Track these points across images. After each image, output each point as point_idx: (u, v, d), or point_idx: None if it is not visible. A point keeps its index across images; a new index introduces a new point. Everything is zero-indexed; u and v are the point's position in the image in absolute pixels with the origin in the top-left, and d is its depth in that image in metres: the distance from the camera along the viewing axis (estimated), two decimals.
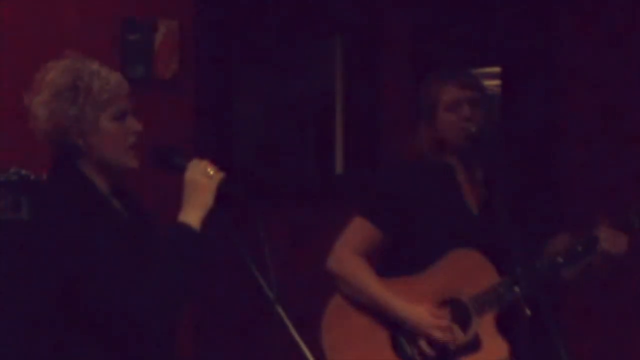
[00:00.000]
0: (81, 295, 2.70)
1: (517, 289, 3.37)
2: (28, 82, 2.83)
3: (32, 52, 4.71)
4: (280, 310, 2.69)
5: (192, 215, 2.77)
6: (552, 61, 5.35)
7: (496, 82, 5.85)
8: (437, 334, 3.45)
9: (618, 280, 4.63)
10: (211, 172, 2.81)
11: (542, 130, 5.44)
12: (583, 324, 4.87)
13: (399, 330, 3.50)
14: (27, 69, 2.87)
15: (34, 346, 2.83)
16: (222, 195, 2.80)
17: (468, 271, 3.49)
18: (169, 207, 2.88)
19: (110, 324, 2.71)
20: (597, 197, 4.88)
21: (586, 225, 3.50)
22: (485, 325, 3.46)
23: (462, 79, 3.62)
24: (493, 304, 3.46)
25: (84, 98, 2.78)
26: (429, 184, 3.58)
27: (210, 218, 2.79)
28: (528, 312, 3.16)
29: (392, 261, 3.61)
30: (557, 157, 5.34)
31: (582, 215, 3.68)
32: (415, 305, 3.48)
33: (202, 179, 2.79)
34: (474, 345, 3.47)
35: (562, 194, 5.21)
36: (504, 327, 3.48)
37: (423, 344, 3.47)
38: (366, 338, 3.52)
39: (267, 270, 2.71)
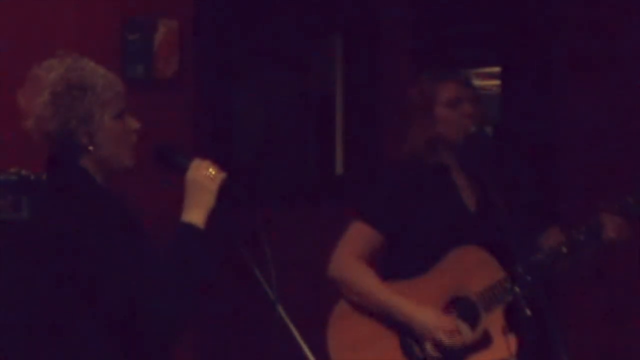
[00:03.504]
0: (89, 295, 2.68)
1: (517, 289, 3.36)
2: None
3: (32, 52, 4.70)
4: (281, 310, 2.69)
5: (196, 214, 2.76)
6: (551, 61, 5.35)
7: (496, 82, 5.86)
8: (443, 338, 3.43)
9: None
10: (213, 172, 2.80)
11: (541, 129, 5.45)
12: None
13: (406, 332, 3.48)
14: (27, 68, 2.86)
15: (34, 346, 2.81)
16: (223, 196, 2.80)
17: (472, 268, 3.48)
18: (167, 206, 2.88)
19: (116, 324, 2.68)
20: (596, 197, 4.87)
21: (584, 216, 3.49)
22: (494, 321, 3.45)
23: (461, 77, 3.62)
24: (500, 299, 3.45)
25: (90, 97, 2.76)
26: (425, 184, 3.57)
27: (211, 218, 2.78)
28: (528, 312, 3.15)
29: (394, 264, 3.59)
30: (556, 156, 5.34)
31: (579, 213, 3.66)
32: (421, 307, 3.47)
33: (204, 178, 2.78)
34: (485, 341, 3.46)
35: (560, 192, 5.22)
36: (511, 324, 3.47)
37: (429, 346, 3.46)
38: (374, 342, 3.50)
39: (268, 270, 2.70)
